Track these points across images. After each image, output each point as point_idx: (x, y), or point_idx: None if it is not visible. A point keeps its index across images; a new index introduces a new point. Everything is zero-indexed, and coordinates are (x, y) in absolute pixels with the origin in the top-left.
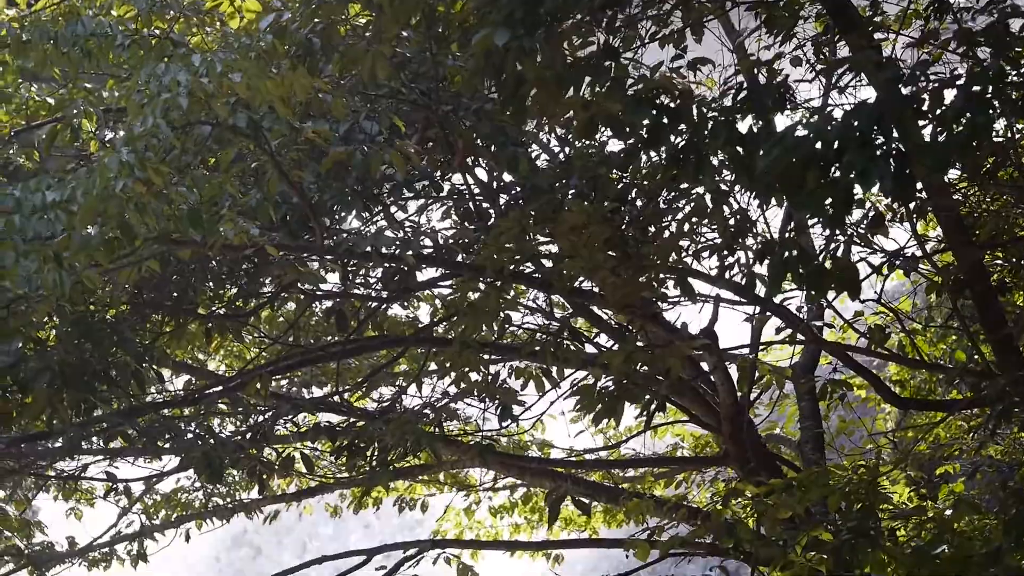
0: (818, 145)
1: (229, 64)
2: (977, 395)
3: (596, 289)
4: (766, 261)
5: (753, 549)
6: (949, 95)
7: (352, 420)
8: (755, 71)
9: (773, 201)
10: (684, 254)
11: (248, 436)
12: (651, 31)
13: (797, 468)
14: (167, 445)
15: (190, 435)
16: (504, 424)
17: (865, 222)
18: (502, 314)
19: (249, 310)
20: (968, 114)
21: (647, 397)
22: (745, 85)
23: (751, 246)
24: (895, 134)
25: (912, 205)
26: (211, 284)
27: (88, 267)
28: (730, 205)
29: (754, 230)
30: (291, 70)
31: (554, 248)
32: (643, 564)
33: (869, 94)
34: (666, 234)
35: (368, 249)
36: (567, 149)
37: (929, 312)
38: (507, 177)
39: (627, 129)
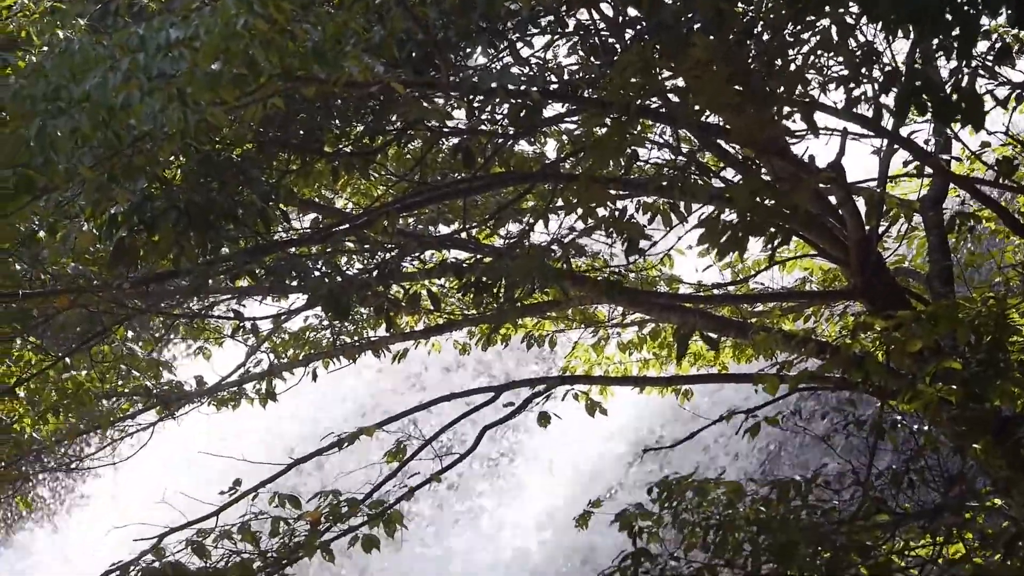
0: None
1: None
2: None
3: (722, 123)
4: (892, 93)
5: (882, 382)
6: None
7: (479, 257)
8: None
9: (899, 32)
10: (810, 87)
11: (375, 274)
12: None
13: (926, 301)
14: (294, 283)
15: (317, 273)
16: (631, 259)
17: (992, 53)
18: (628, 149)
19: (375, 147)
20: None
21: (772, 231)
22: None
23: (877, 78)
24: None
25: None
26: (337, 122)
27: (213, 105)
28: (856, 37)
29: (880, 62)
30: None
31: (680, 83)
32: (772, 399)
33: None
34: (792, 68)
35: (494, 85)
36: None
37: None
38: (632, 12)
39: None
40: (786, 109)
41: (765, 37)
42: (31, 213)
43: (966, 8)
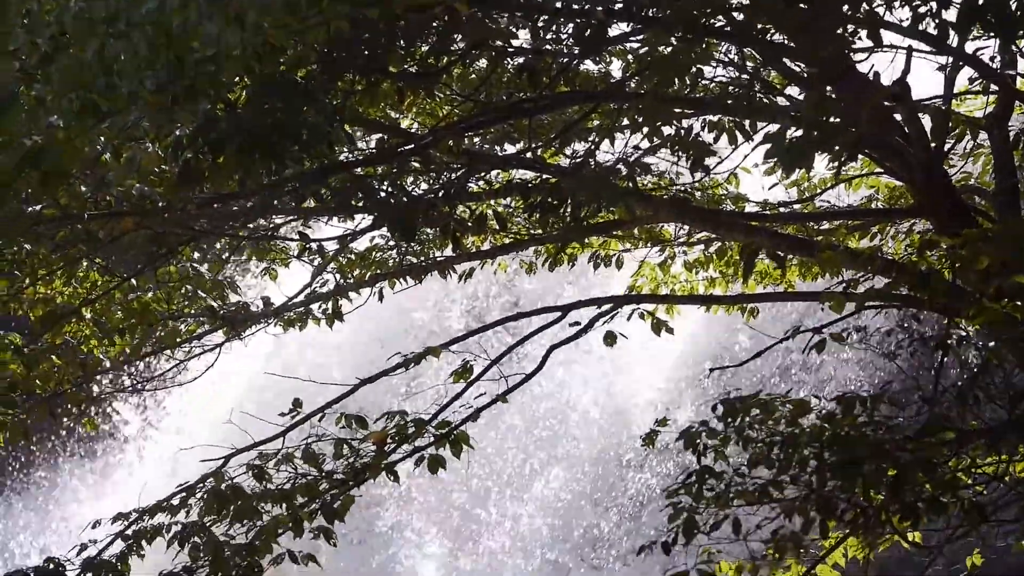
0: None
1: None
2: None
3: (787, 41)
4: (956, 9)
5: (947, 300)
6: None
7: (545, 176)
8: None
9: None
10: (875, 4)
11: (441, 194)
12: None
13: (991, 219)
14: (360, 204)
15: (383, 194)
16: (697, 178)
17: None
18: (693, 68)
19: (440, 68)
20: None
21: (837, 148)
22: None
23: None
24: None
25: None
26: (402, 43)
27: (275, 27)
28: None
29: None
30: None
31: (745, 0)
32: (839, 316)
33: None
34: None
35: (558, 4)
36: None
37: None
38: None
39: None
40: (850, 27)
41: None
42: (96, 135)
43: None
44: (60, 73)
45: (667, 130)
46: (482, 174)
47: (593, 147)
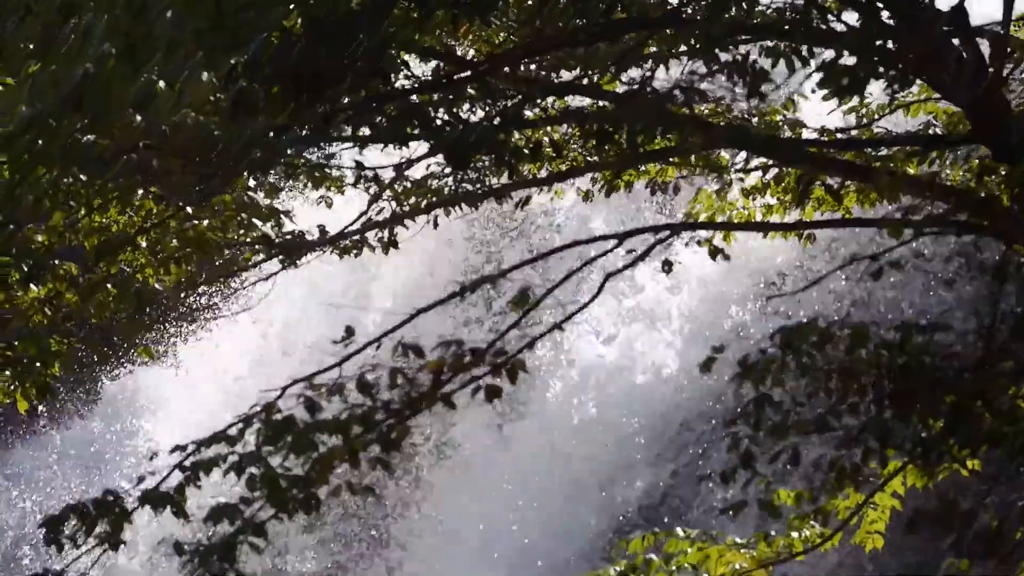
0: None
1: None
2: None
3: None
4: None
5: (1007, 226)
6: None
7: (601, 103)
8: None
9: None
10: None
11: (497, 121)
12: None
13: None
14: (415, 132)
15: (439, 121)
16: (754, 105)
17: None
18: None
19: None
20: None
21: (893, 73)
22: None
23: None
24: None
25: None
26: None
27: None
28: None
29: None
30: None
31: None
32: (897, 243)
33: None
34: None
35: None
36: None
37: None
38: None
39: None
40: None
41: None
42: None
43: None
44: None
45: (724, 56)
46: (538, 101)
47: (649, 74)
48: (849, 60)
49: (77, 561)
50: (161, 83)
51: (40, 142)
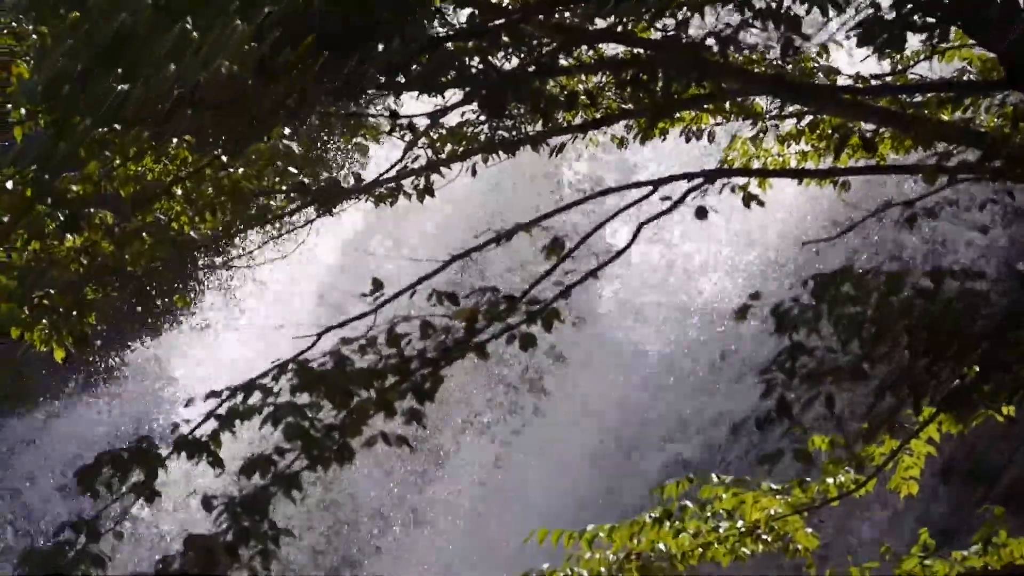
0: None
1: None
2: None
3: None
4: None
5: None
6: None
7: (636, 51)
8: None
9: None
10: None
11: (532, 69)
12: None
13: None
14: (450, 80)
15: (473, 69)
16: (788, 52)
17: None
18: None
19: None
20: None
21: (931, 21)
22: None
23: None
24: None
25: None
26: None
27: None
28: None
29: None
30: None
31: None
32: (931, 190)
33: None
34: None
35: None
36: None
37: None
38: None
39: None
40: None
41: None
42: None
43: None
44: None
45: (758, 3)
46: (572, 49)
47: (684, 21)
48: (887, 10)
49: (109, 511)
50: (195, 34)
51: (76, 94)
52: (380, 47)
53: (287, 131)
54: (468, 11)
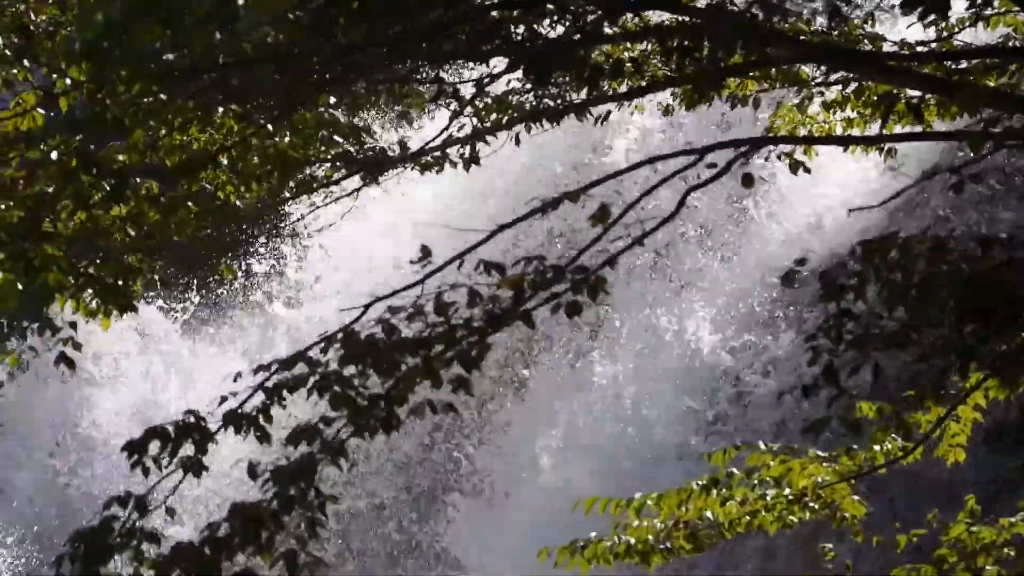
0: None
1: None
2: None
3: None
4: None
5: None
6: None
7: (681, 19)
8: None
9: None
10: None
11: (577, 37)
12: None
13: None
14: (495, 48)
15: (519, 37)
16: (835, 19)
17: None
18: None
19: None
20: None
21: None
22: None
23: None
24: None
25: None
26: None
27: None
28: None
29: None
30: None
31: None
32: (977, 156)
33: None
34: None
35: None
36: None
37: None
38: None
39: None
40: None
41: None
42: None
43: None
44: None
45: None
46: (618, 17)
47: None
48: None
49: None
50: None
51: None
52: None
53: (333, 100)
54: None
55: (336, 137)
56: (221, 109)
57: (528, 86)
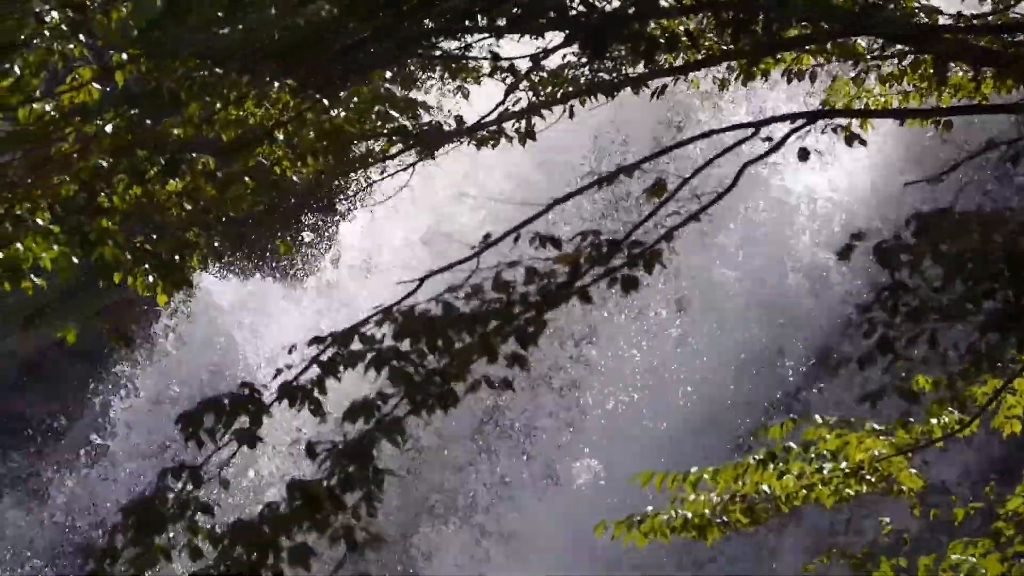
0: None
1: None
2: None
3: None
4: None
5: None
6: None
7: None
8: None
9: None
10: None
11: (633, 10)
12: None
13: None
14: (551, 21)
15: (574, 11)
16: None
17: None
18: None
19: None
20: None
21: None
22: None
23: None
24: None
25: None
26: None
27: None
28: None
29: None
30: None
31: None
32: None
33: None
34: None
35: None
36: None
37: None
38: None
39: None
40: None
41: None
42: None
43: None
44: None
45: None
46: None
47: None
48: None
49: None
50: None
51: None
52: None
53: (388, 75)
54: None
55: (392, 112)
56: (277, 84)
57: (584, 60)
